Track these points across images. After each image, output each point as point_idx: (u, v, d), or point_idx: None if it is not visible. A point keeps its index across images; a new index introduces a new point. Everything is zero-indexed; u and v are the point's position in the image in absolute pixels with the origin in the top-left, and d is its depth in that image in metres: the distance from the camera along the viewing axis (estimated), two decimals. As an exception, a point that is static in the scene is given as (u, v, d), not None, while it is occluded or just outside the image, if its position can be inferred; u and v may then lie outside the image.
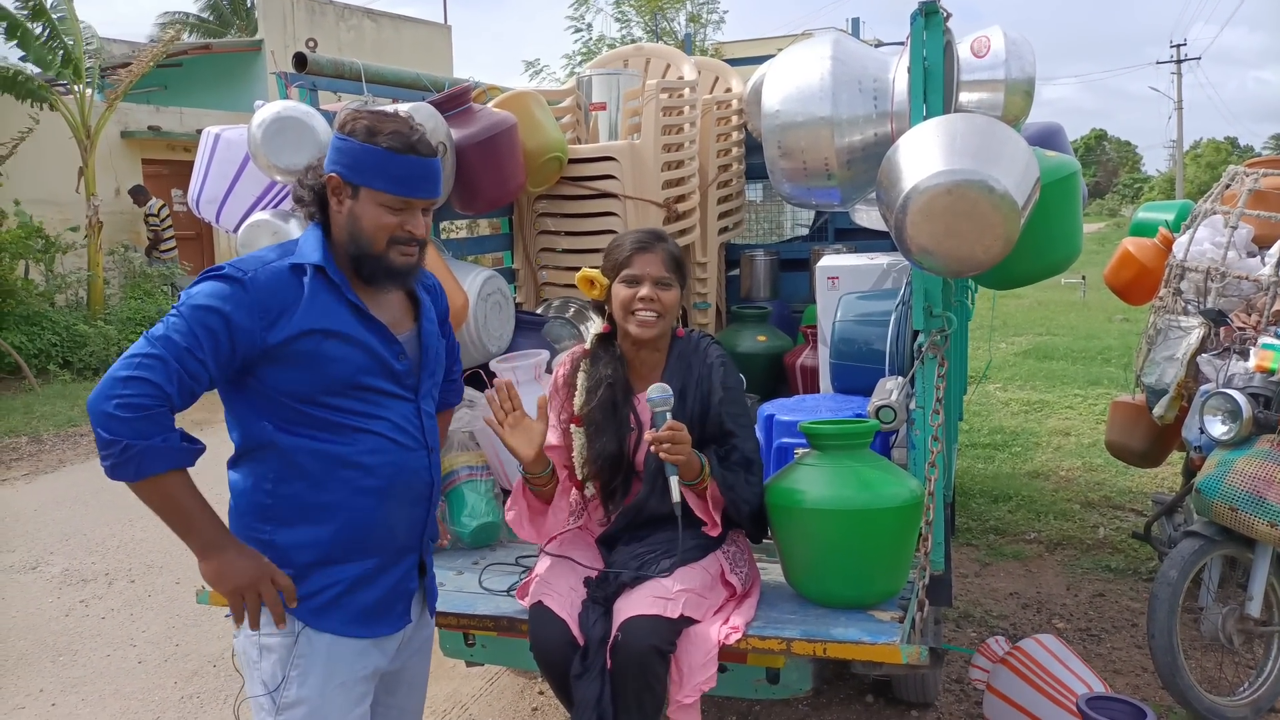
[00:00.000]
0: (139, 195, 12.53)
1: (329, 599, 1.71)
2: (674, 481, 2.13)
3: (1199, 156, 44.80)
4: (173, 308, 1.65)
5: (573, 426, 2.32)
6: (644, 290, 2.21)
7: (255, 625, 1.68)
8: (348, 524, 1.71)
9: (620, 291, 2.24)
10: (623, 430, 2.26)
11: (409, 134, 1.70)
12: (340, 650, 1.72)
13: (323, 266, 1.70)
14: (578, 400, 2.31)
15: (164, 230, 12.63)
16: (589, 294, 2.31)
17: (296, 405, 1.67)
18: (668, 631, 2.08)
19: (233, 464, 1.76)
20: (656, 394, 2.11)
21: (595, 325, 2.40)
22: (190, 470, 1.65)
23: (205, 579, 1.69)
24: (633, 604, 2.12)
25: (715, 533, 2.26)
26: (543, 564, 2.31)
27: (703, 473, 2.19)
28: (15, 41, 10.26)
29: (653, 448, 2.10)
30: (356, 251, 1.73)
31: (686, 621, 2.12)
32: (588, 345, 2.39)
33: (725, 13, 14.28)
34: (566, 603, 2.18)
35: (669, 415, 2.11)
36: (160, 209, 12.55)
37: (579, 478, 2.30)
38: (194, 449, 1.63)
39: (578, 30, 13.16)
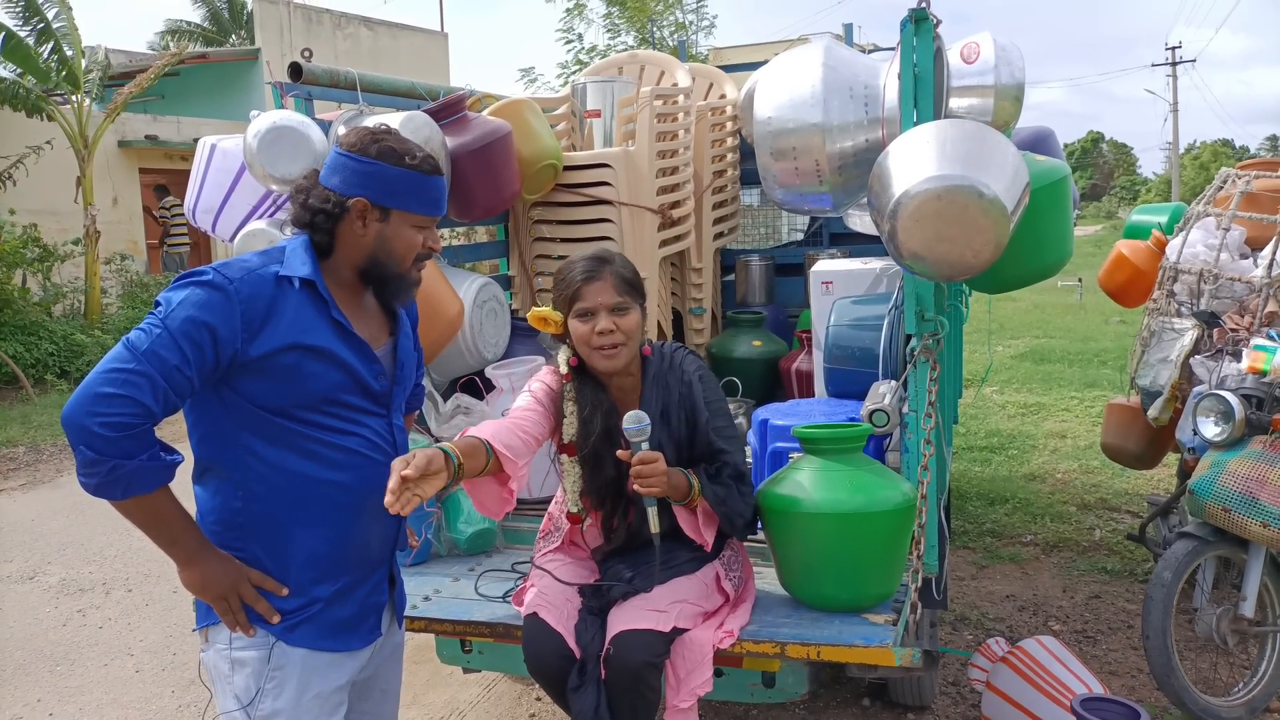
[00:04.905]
0: (160, 194, 13.30)
1: (304, 617, 1.69)
2: (652, 513, 2.06)
3: (1195, 158, 44.84)
4: (152, 314, 1.58)
5: (564, 457, 2.24)
6: (600, 323, 2.10)
7: (246, 629, 1.67)
8: (322, 540, 1.69)
9: (577, 327, 2.13)
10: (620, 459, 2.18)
11: (429, 155, 1.74)
12: (315, 662, 1.70)
13: (312, 281, 1.68)
14: (569, 430, 2.21)
15: (174, 222, 13.08)
16: (544, 330, 2.19)
17: (270, 418, 1.64)
18: (660, 644, 2.08)
19: (198, 478, 1.71)
20: (632, 424, 2.03)
21: (563, 356, 2.26)
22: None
23: (189, 587, 1.67)
24: (625, 617, 2.12)
25: (708, 547, 2.24)
26: (537, 575, 2.31)
27: (692, 492, 2.14)
28: (8, 57, 10.29)
29: (633, 476, 2.02)
30: (380, 272, 1.73)
31: (679, 633, 2.12)
32: (562, 370, 2.24)
33: (715, 17, 14.33)
34: (562, 614, 2.17)
35: (645, 445, 2.03)
36: (172, 205, 13.03)
37: (572, 509, 2.24)
38: (176, 462, 1.61)
39: (568, 41, 13.20)
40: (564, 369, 2.23)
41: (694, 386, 2.21)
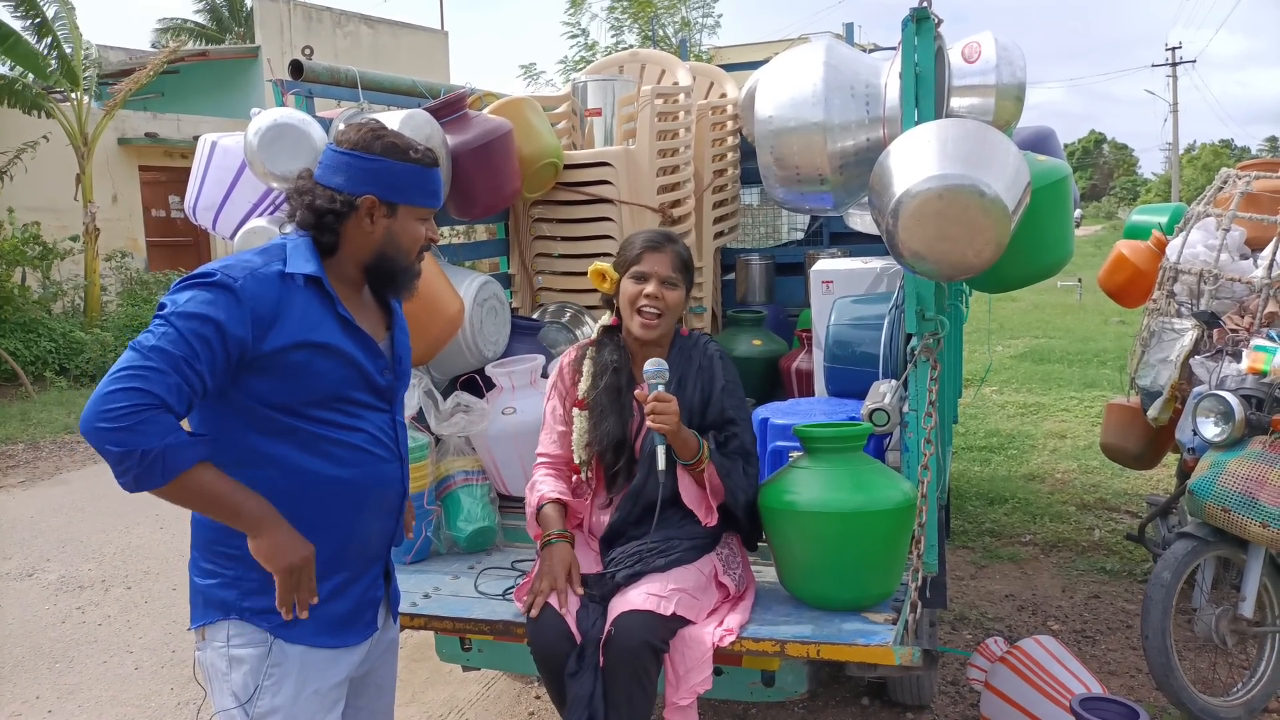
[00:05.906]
0: None
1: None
2: (661, 451, 2.21)
3: (1195, 159, 44.83)
4: (157, 316, 1.57)
5: (575, 410, 2.40)
6: (650, 288, 2.32)
7: (303, 608, 1.64)
8: (326, 537, 1.69)
9: (628, 287, 2.34)
10: (625, 415, 2.35)
11: (428, 148, 1.76)
12: (313, 659, 1.70)
13: (317, 278, 1.68)
14: (583, 385, 2.40)
15: None
16: (600, 287, 2.41)
17: (277, 416, 1.64)
18: (661, 628, 2.10)
19: None
20: (652, 367, 2.22)
21: (604, 319, 2.50)
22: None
23: (258, 556, 1.62)
24: (627, 600, 2.15)
25: (711, 521, 2.28)
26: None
27: (700, 453, 2.25)
28: (6, 53, 10.29)
29: (647, 412, 2.19)
30: (388, 267, 1.75)
31: (679, 621, 2.14)
32: (592, 334, 2.49)
33: (720, 16, 14.34)
34: (566, 599, 2.20)
35: (660, 388, 2.21)
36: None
37: (576, 460, 2.37)
38: (206, 438, 1.60)
39: (574, 36, 13.17)
40: (594, 332, 2.49)
41: (715, 362, 2.41)
